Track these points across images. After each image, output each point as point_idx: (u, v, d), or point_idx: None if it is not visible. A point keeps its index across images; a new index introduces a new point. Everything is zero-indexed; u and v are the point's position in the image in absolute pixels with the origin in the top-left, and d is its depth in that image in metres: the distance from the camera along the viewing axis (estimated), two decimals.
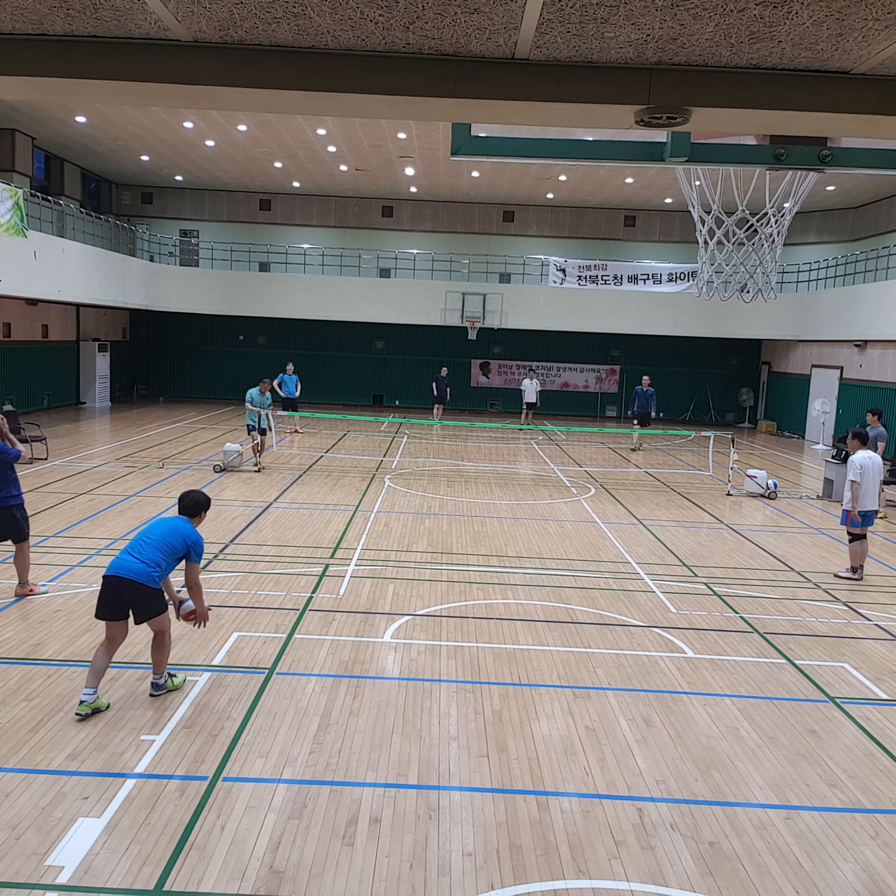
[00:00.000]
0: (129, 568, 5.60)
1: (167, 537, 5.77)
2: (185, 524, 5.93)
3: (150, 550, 5.69)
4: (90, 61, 3.95)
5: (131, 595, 5.58)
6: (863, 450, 9.89)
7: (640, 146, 5.57)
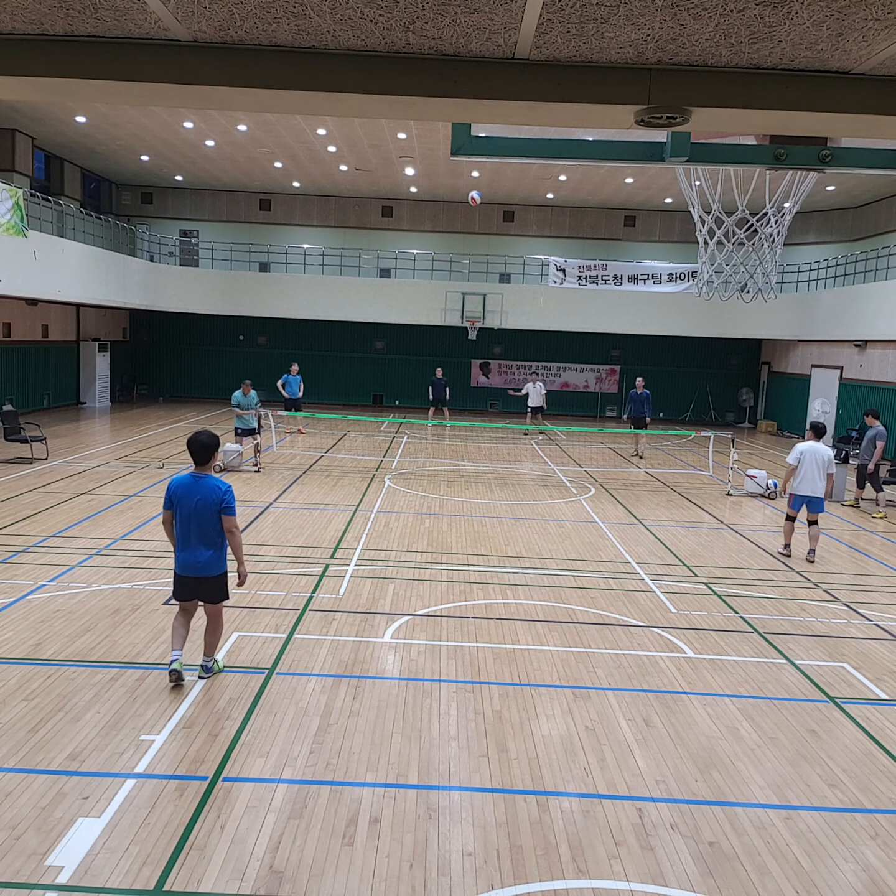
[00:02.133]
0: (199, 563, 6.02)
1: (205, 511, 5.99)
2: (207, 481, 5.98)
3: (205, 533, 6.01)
4: (90, 61, 3.95)
5: (204, 587, 6.13)
6: (814, 440, 10.64)
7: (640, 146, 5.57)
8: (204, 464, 5.98)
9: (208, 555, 5.97)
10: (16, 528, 10.34)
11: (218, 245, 28.34)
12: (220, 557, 6.04)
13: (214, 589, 6.11)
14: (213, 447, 6.00)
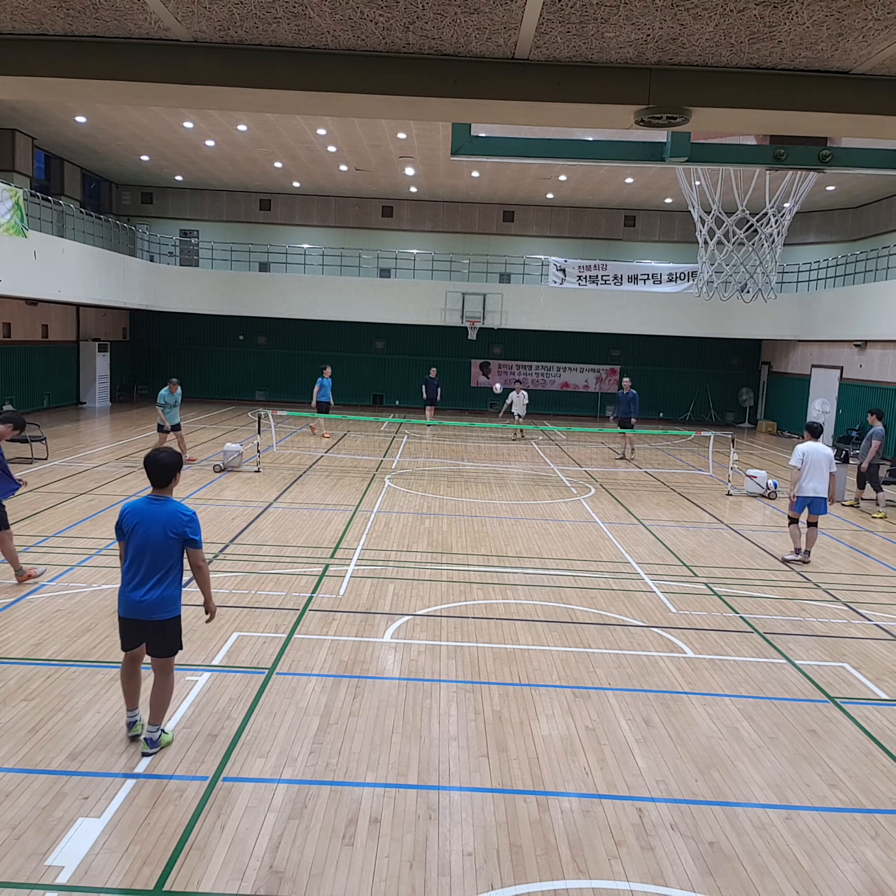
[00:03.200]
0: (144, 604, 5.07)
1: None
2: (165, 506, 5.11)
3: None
4: (90, 61, 3.95)
5: (150, 633, 5.15)
6: (812, 441, 10.54)
7: (640, 146, 5.57)
8: (163, 486, 5.14)
9: (156, 594, 5.02)
10: (16, 528, 10.31)
11: (218, 245, 28.34)
12: (172, 598, 5.11)
13: (162, 637, 5.12)
14: (175, 467, 5.18)
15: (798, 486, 10.41)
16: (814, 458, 10.38)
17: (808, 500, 10.45)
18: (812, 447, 10.45)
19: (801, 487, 10.40)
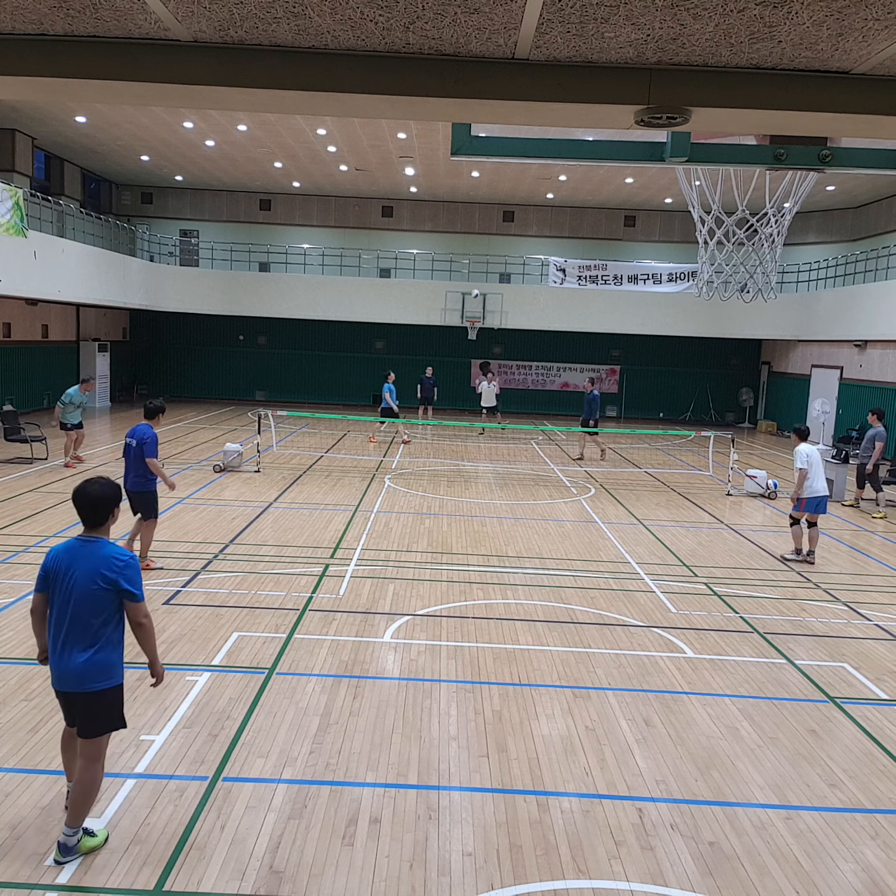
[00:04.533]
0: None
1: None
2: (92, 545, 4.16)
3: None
4: (90, 61, 3.94)
5: (77, 707, 4.17)
6: (804, 443, 10.66)
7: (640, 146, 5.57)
8: (95, 525, 4.16)
9: (83, 659, 4.02)
10: (16, 528, 10.34)
11: (218, 245, 28.34)
12: (103, 663, 4.07)
13: (90, 712, 4.09)
14: (110, 501, 4.18)
15: (807, 488, 10.43)
16: (815, 459, 10.49)
17: (818, 500, 10.52)
18: (811, 448, 10.56)
19: (812, 488, 10.44)
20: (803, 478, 10.44)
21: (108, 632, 4.09)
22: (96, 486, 4.20)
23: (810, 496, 10.45)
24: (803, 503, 10.49)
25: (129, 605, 4.10)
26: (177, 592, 8.16)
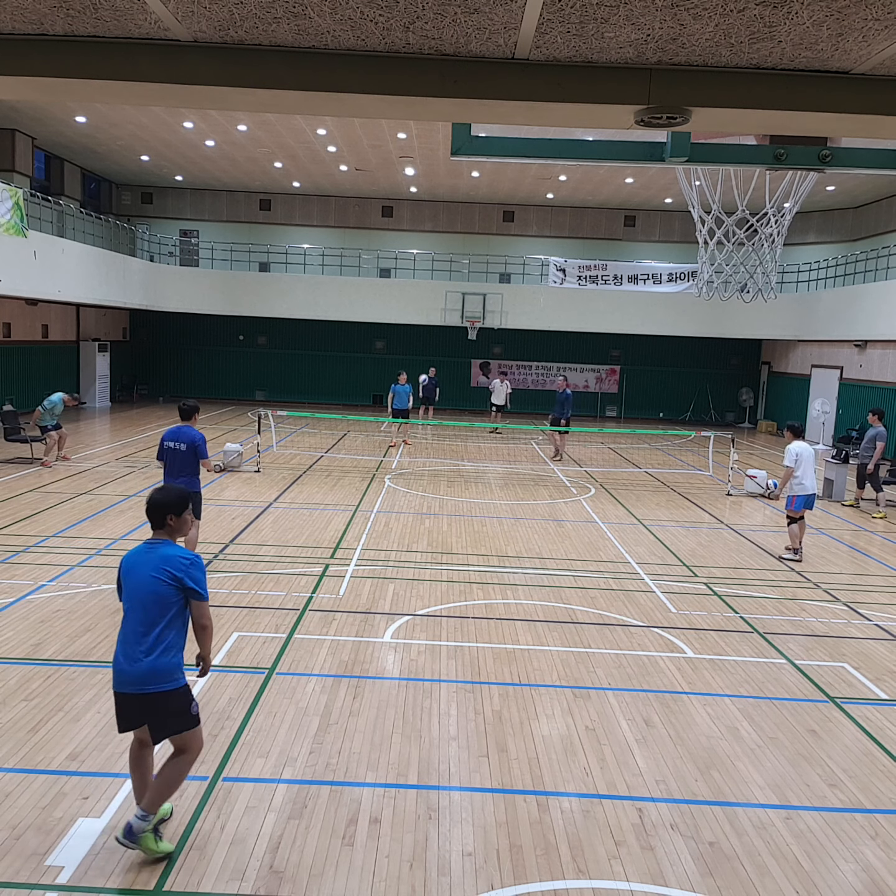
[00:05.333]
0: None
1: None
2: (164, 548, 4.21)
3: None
4: (90, 61, 3.95)
5: (147, 710, 4.15)
6: (797, 440, 10.77)
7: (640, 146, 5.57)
8: (159, 527, 4.26)
9: (149, 661, 4.02)
10: (16, 528, 10.34)
11: (218, 245, 28.34)
12: (169, 665, 4.09)
13: (159, 714, 4.10)
14: (169, 506, 4.24)
15: (799, 486, 10.54)
16: (806, 457, 10.60)
17: (808, 497, 10.62)
18: (802, 446, 10.68)
19: (803, 486, 10.55)
20: (788, 476, 10.59)
21: (172, 635, 4.13)
22: (159, 493, 4.31)
23: (801, 494, 10.55)
24: (794, 501, 10.60)
25: (195, 604, 4.17)
26: None
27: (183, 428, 8.56)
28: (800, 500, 10.57)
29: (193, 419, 8.77)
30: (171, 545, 4.23)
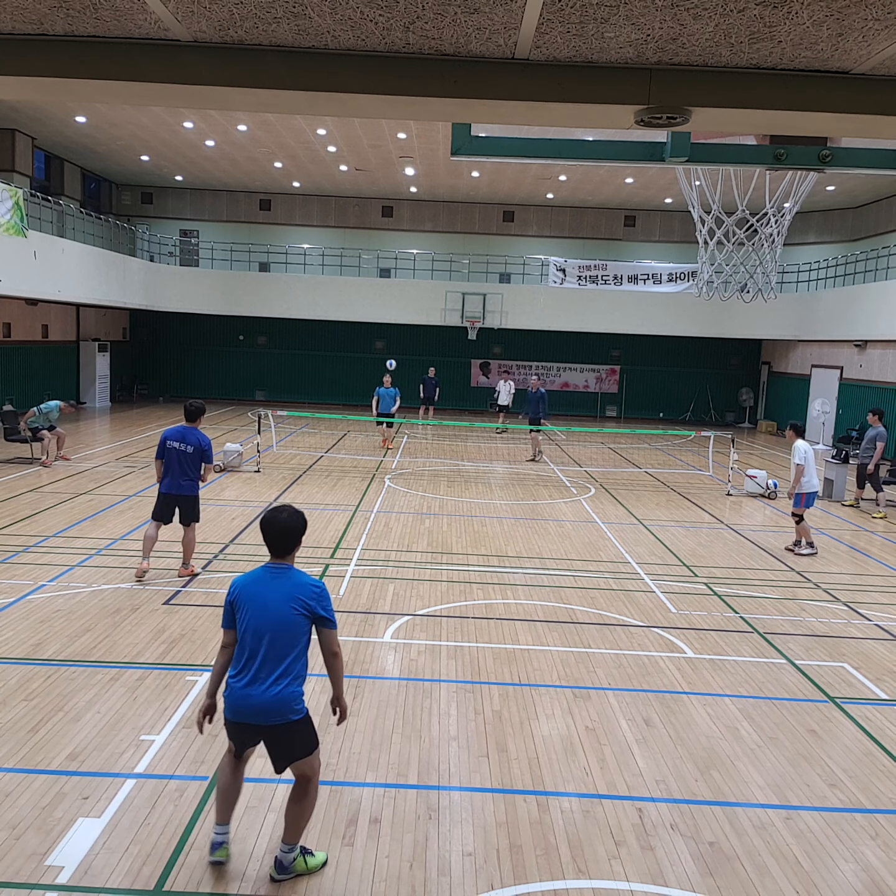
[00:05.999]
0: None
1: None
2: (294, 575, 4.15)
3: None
4: (90, 61, 3.94)
5: (273, 739, 4.11)
6: (800, 439, 10.90)
7: (640, 146, 5.57)
8: (285, 554, 4.22)
9: (276, 691, 3.94)
10: (16, 528, 10.34)
11: (218, 245, 28.34)
12: (295, 695, 4.05)
13: (288, 744, 4.04)
14: (300, 530, 4.25)
15: (807, 483, 10.68)
16: (811, 455, 10.74)
17: (814, 495, 10.80)
18: (806, 445, 10.80)
19: (811, 483, 10.71)
20: (800, 473, 10.65)
21: (299, 665, 4.02)
22: (286, 515, 4.17)
23: (808, 491, 10.68)
24: (803, 498, 10.69)
25: (326, 632, 4.01)
26: (177, 592, 8.16)
27: (189, 429, 8.51)
28: (809, 498, 10.73)
29: (199, 421, 8.73)
30: (297, 571, 4.13)
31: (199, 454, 8.40)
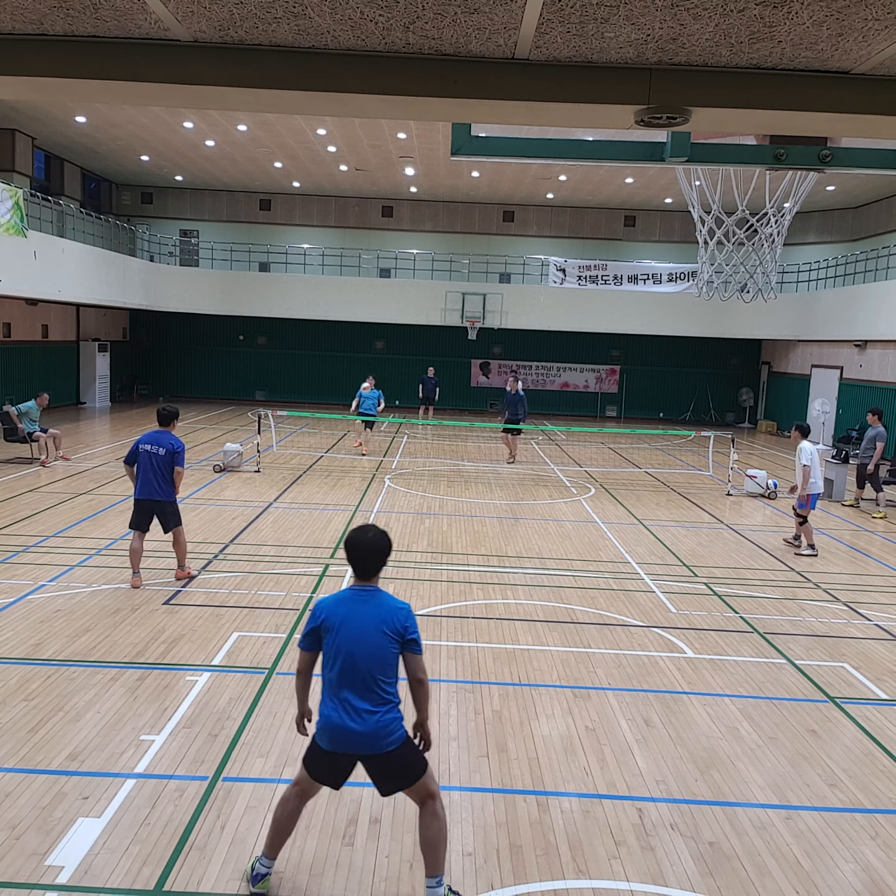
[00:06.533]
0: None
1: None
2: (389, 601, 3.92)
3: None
4: (90, 61, 3.95)
5: (378, 768, 3.88)
6: (805, 440, 10.93)
7: (640, 146, 5.57)
8: (373, 575, 3.94)
9: (375, 719, 3.75)
10: (16, 528, 10.34)
11: (218, 245, 28.35)
12: (395, 720, 3.80)
13: (397, 770, 3.83)
14: (388, 551, 3.96)
15: (813, 484, 10.73)
16: (816, 456, 10.79)
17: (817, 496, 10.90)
18: (812, 445, 10.84)
19: (816, 485, 10.78)
20: (808, 474, 10.69)
21: (395, 689, 3.83)
22: (372, 535, 3.92)
23: (813, 492, 10.74)
24: (809, 499, 10.73)
25: (412, 657, 3.84)
26: (177, 592, 8.16)
27: (163, 433, 8.40)
28: (814, 499, 10.79)
29: (172, 425, 8.57)
30: (385, 594, 3.93)
31: (170, 456, 8.25)
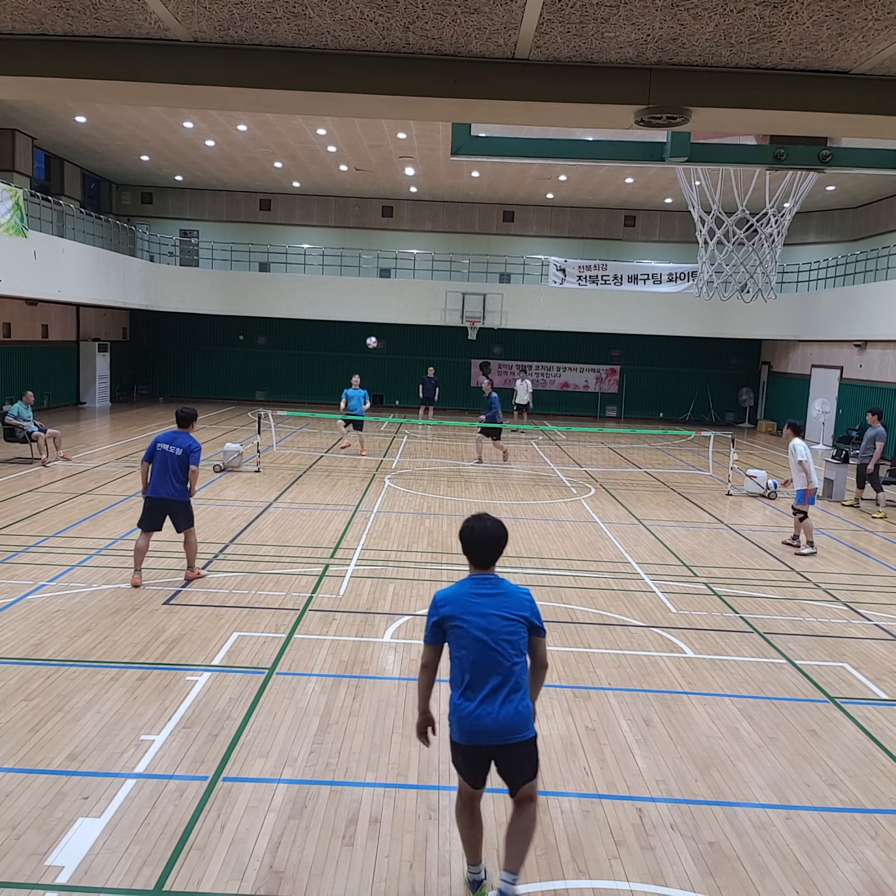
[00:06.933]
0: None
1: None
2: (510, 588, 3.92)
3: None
4: (90, 61, 3.95)
5: (512, 759, 3.85)
6: (797, 438, 11.04)
7: (640, 146, 5.57)
8: (492, 563, 3.90)
9: (512, 707, 3.69)
10: (16, 528, 10.34)
11: (218, 245, 28.34)
12: (530, 708, 3.78)
13: (523, 760, 3.80)
14: (504, 539, 3.91)
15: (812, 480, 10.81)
16: (809, 452, 10.89)
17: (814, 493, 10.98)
18: (803, 442, 10.95)
19: (814, 481, 10.86)
20: (808, 469, 10.77)
21: (526, 675, 3.80)
22: (491, 524, 3.90)
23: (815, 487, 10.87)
24: (807, 495, 10.82)
25: (540, 641, 3.85)
26: (177, 592, 8.17)
27: (181, 433, 8.58)
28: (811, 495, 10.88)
29: (191, 426, 8.75)
30: (506, 581, 3.91)
31: (186, 456, 8.38)
